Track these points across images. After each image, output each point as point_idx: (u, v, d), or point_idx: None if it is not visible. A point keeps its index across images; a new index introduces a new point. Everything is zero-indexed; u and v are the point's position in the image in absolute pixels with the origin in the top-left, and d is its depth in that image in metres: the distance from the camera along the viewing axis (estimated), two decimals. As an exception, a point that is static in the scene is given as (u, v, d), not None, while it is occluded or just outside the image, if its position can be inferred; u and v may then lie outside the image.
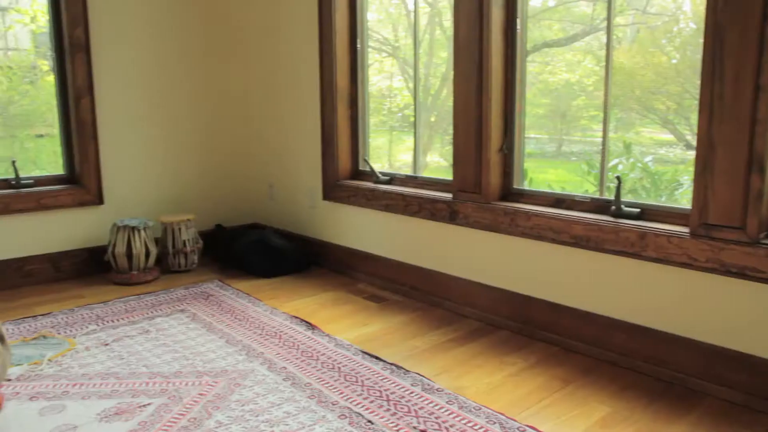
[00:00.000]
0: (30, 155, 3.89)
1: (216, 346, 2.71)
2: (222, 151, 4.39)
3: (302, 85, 3.98)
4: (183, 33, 4.12)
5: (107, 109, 3.87)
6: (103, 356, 2.63)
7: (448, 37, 3.51)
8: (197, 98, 4.24)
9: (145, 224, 3.71)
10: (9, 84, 3.84)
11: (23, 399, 2.27)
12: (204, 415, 2.13)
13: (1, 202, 3.57)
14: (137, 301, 3.33)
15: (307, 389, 2.31)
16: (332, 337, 2.80)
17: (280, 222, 4.37)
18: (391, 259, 3.50)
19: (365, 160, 3.77)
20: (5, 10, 3.83)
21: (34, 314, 3.17)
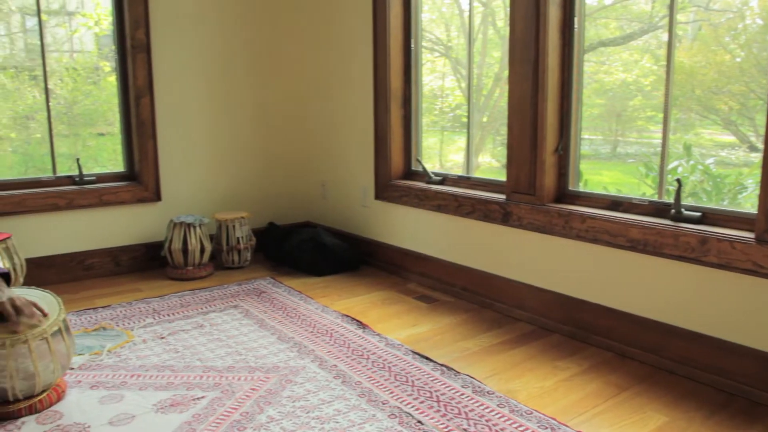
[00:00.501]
0: (92, 153, 4.02)
1: (268, 342, 2.75)
2: (276, 150, 4.45)
3: (356, 84, 4.00)
4: (240, 34, 4.20)
5: (166, 108, 3.97)
6: (159, 349, 2.70)
7: (501, 36, 3.47)
8: (253, 98, 4.31)
9: (201, 221, 3.79)
10: (74, 85, 3.98)
11: (84, 387, 2.35)
12: (256, 409, 2.16)
13: (65, 198, 3.71)
14: (192, 296, 3.41)
15: (357, 388, 2.32)
16: (383, 336, 2.81)
17: (332, 221, 4.40)
18: (443, 260, 3.49)
19: (418, 160, 3.76)
20: (72, 14, 3.98)
21: (94, 306, 3.27)
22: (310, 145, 4.52)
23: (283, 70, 4.41)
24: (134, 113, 3.89)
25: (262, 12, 4.27)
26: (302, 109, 4.50)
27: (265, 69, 4.33)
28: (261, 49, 4.29)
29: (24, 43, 3.99)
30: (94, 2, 4.00)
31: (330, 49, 4.22)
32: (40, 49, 3.72)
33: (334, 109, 4.25)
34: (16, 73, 3.85)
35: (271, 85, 4.37)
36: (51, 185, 3.76)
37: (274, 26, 4.33)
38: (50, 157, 3.82)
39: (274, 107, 4.41)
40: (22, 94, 3.86)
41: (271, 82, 4.37)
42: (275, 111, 4.42)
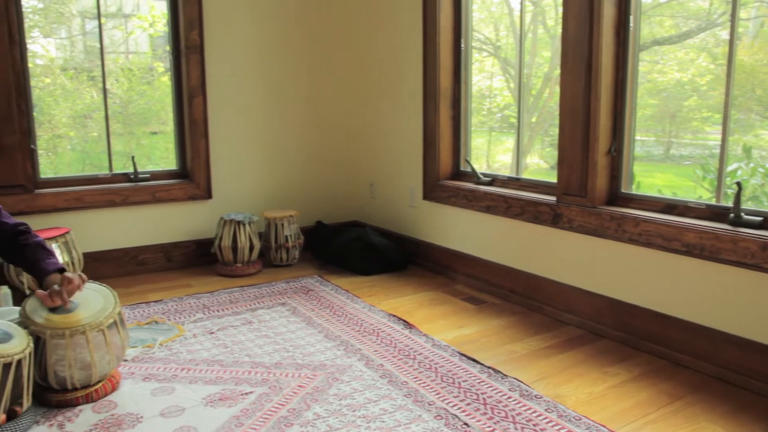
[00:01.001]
0: (145, 151, 4.13)
1: (315, 340, 2.77)
2: (326, 150, 4.49)
3: (405, 84, 4.00)
4: (291, 34, 4.25)
5: (218, 107, 4.05)
6: (208, 344, 2.75)
7: (551, 35, 3.42)
8: (303, 97, 4.35)
9: (250, 219, 3.85)
10: (129, 85, 4.09)
11: (137, 379, 2.41)
12: (303, 406, 2.18)
13: (121, 195, 3.82)
14: (241, 293, 3.47)
15: (403, 388, 2.32)
16: (429, 337, 2.80)
17: (380, 220, 4.41)
18: (491, 261, 3.46)
19: (467, 160, 3.74)
20: (128, 17, 4.09)
21: (147, 300, 3.36)
22: (359, 145, 4.54)
23: (334, 69, 4.44)
24: (187, 112, 3.97)
25: (314, 13, 4.31)
26: (352, 109, 4.53)
27: (315, 69, 4.37)
28: (312, 49, 4.33)
29: (83, 45, 4.13)
30: (149, 5, 4.11)
31: (380, 50, 4.23)
32: (100, 50, 3.84)
33: (384, 109, 4.26)
34: (76, 74, 3.98)
35: (322, 84, 4.41)
36: (107, 182, 3.88)
37: (325, 27, 4.36)
38: (107, 155, 3.94)
39: (324, 107, 4.44)
40: (81, 94, 3.99)
41: (321, 82, 4.40)
42: (325, 110, 4.45)
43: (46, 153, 3.83)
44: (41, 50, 3.86)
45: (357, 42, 4.43)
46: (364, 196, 4.58)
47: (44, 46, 3.90)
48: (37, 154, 3.69)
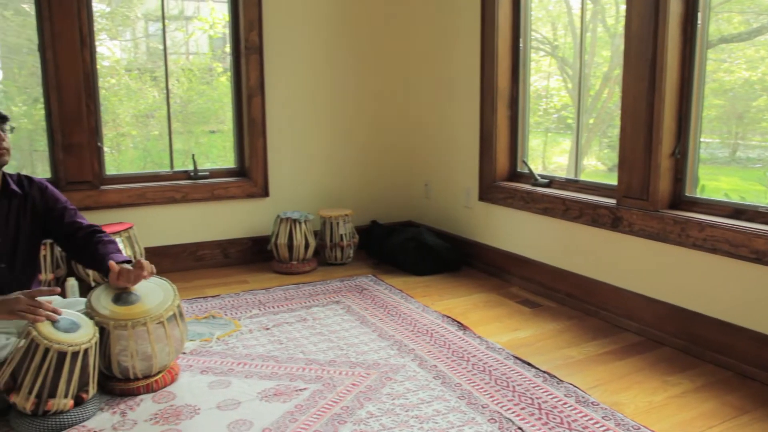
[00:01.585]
0: (203, 149, 4.22)
1: (369, 339, 2.78)
2: (381, 150, 4.50)
3: (462, 84, 3.97)
4: (348, 35, 4.28)
5: (275, 107, 4.11)
6: (264, 339, 2.79)
7: (611, 34, 3.34)
8: (359, 98, 4.38)
9: (306, 217, 3.89)
10: (189, 85, 4.20)
11: (195, 372, 2.46)
12: (356, 404, 2.19)
13: (181, 192, 3.92)
14: (296, 290, 3.51)
15: (457, 389, 2.30)
16: (483, 339, 2.77)
17: (435, 221, 4.40)
18: (547, 264, 3.40)
19: (524, 161, 3.69)
20: (189, 19, 4.20)
21: (204, 295, 3.44)
22: (414, 145, 4.54)
23: (390, 70, 4.45)
24: (246, 112, 4.05)
25: (371, 13, 4.33)
26: (408, 109, 4.52)
27: (371, 69, 4.39)
28: (369, 49, 4.35)
29: (146, 47, 4.26)
30: (210, 7, 4.21)
31: (437, 50, 4.21)
32: (163, 52, 3.95)
33: (440, 110, 4.24)
34: (139, 75, 4.11)
35: (378, 85, 4.42)
36: (168, 179, 3.98)
37: (381, 27, 4.37)
38: (167, 153, 4.05)
39: (380, 107, 4.46)
40: (143, 94, 4.12)
41: (377, 82, 4.42)
42: (381, 110, 4.47)
43: (110, 151, 3.96)
44: (107, 52, 3.99)
45: (414, 42, 4.42)
46: (418, 197, 4.57)
47: (110, 48, 4.03)
48: (103, 152, 3.82)
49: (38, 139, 3.84)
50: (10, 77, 3.91)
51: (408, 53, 4.45)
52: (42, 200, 2.43)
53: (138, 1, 4.11)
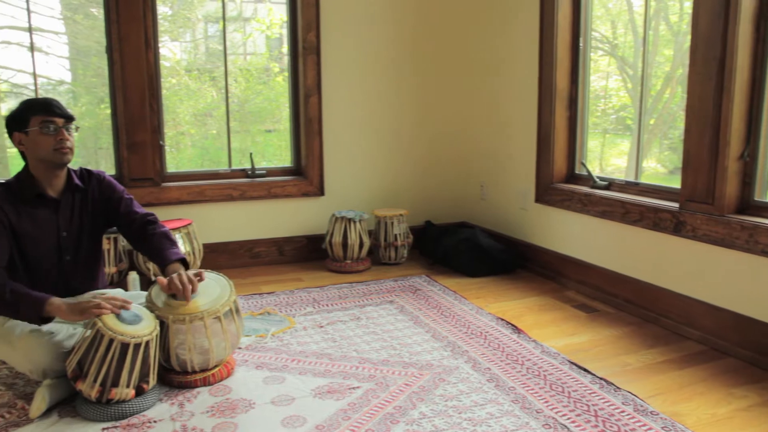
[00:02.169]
0: (259, 148, 4.30)
1: (422, 340, 2.77)
2: (436, 150, 4.48)
3: (520, 85, 3.92)
4: (405, 34, 4.27)
5: (332, 107, 4.14)
6: (318, 337, 2.82)
7: (674, 32, 3.24)
8: (416, 97, 4.37)
9: (361, 217, 3.91)
10: (246, 85, 4.28)
11: (250, 367, 2.50)
12: (409, 404, 2.19)
13: (239, 190, 3.99)
14: (349, 289, 3.53)
15: (511, 393, 2.27)
16: (538, 343, 2.73)
17: (490, 222, 4.35)
18: (605, 269, 3.32)
19: (582, 163, 3.61)
20: (247, 20, 4.28)
21: (260, 292, 3.49)
22: (470, 146, 4.50)
23: (447, 69, 4.43)
24: (303, 111, 4.09)
25: (428, 13, 4.31)
26: (464, 109, 4.49)
27: (428, 69, 4.37)
28: (425, 49, 4.34)
29: (205, 48, 4.36)
30: (267, 8, 4.28)
31: (495, 49, 4.17)
32: (223, 52, 4.03)
33: (497, 110, 4.20)
34: (198, 75, 4.21)
35: (434, 84, 4.41)
36: (227, 177, 4.06)
37: (438, 26, 4.35)
38: (224, 152, 4.14)
39: (436, 107, 4.44)
40: (202, 94, 4.22)
41: (434, 82, 4.40)
42: (437, 110, 4.45)
43: (170, 149, 4.07)
44: (169, 53, 4.10)
45: (471, 42, 4.39)
46: (474, 198, 4.53)
47: (171, 49, 4.15)
48: (164, 150, 3.93)
49: (102, 137, 3.98)
50: (77, 78, 4.07)
51: (465, 53, 4.42)
52: (100, 191, 2.51)
53: (198, 4, 4.22)
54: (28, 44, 3.71)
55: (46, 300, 2.13)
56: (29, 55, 3.71)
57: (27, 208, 2.34)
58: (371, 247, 4.03)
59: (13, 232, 2.29)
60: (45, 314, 2.13)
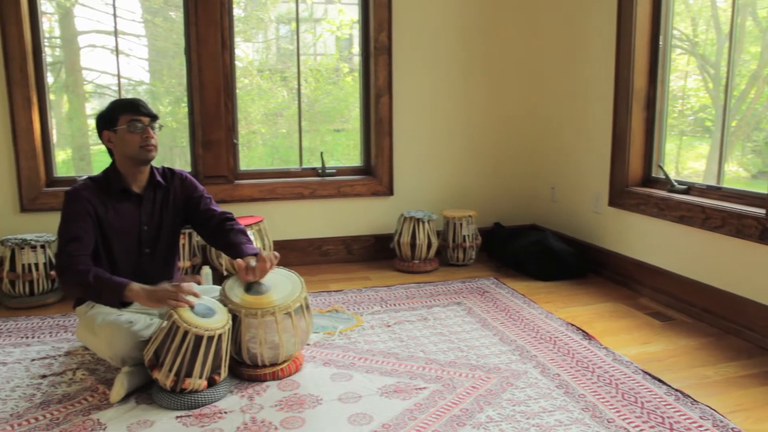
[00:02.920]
0: (328, 147, 4.34)
1: (490, 342, 2.74)
2: (507, 151, 4.42)
3: (594, 84, 3.82)
4: (476, 35, 4.24)
5: (402, 107, 4.14)
6: (385, 336, 2.83)
7: (763, 29, 3.07)
8: (487, 98, 4.32)
9: (430, 217, 3.90)
10: (316, 85, 4.33)
11: (318, 363, 2.54)
12: (476, 407, 2.16)
13: (309, 188, 4.05)
14: (417, 289, 3.52)
15: (581, 401, 2.22)
16: (610, 350, 2.65)
17: (561, 225, 4.26)
18: (682, 276, 3.19)
19: (659, 166, 3.49)
20: (317, 21, 4.34)
21: (328, 290, 3.53)
22: (541, 147, 4.42)
23: (519, 70, 4.36)
24: (373, 111, 4.12)
25: (499, 13, 4.26)
26: (536, 110, 4.42)
27: (500, 69, 4.32)
28: (498, 49, 4.29)
29: (276, 48, 4.44)
30: (338, 9, 4.32)
31: (568, 49, 4.08)
32: (296, 52, 4.10)
33: (570, 110, 4.11)
34: (270, 75, 4.29)
35: (506, 85, 4.35)
36: (297, 176, 4.13)
37: (510, 25, 4.29)
38: (293, 150, 4.21)
39: (508, 107, 4.38)
40: (273, 94, 4.30)
41: (505, 83, 4.34)
42: (508, 111, 4.39)
43: (242, 147, 4.17)
44: (241, 54, 4.20)
45: (544, 40, 4.31)
46: (544, 200, 4.45)
47: (244, 50, 4.24)
48: (238, 148, 4.03)
49: (179, 136, 4.11)
50: (157, 79, 4.22)
51: (538, 52, 4.35)
52: (182, 189, 2.62)
53: (271, 5, 4.30)
54: (112, 47, 3.88)
55: (127, 285, 2.23)
56: (112, 58, 3.88)
57: (112, 201, 2.45)
58: (439, 247, 4.01)
59: (99, 224, 2.41)
60: (125, 299, 2.23)
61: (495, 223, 4.37)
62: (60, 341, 2.81)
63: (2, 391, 2.32)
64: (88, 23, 3.99)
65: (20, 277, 3.28)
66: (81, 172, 3.97)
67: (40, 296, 3.33)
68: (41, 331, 2.93)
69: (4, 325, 3.02)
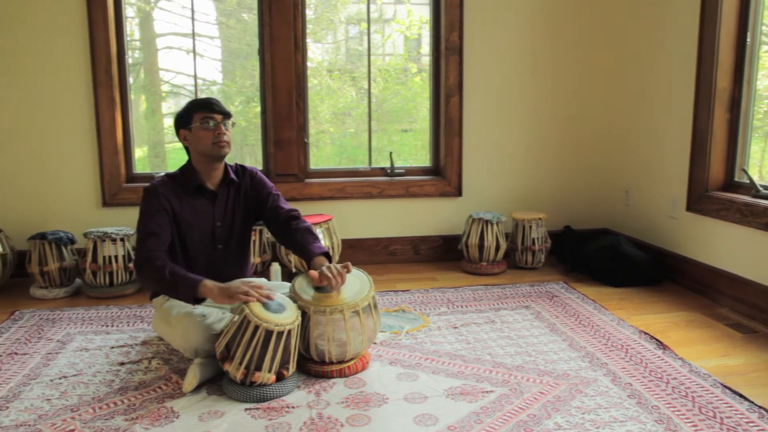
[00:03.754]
0: (395, 147, 4.35)
1: (558, 348, 2.68)
2: (579, 153, 4.32)
3: (673, 84, 3.68)
4: (549, 34, 4.15)
5: (473, 107, 4.11)
6: (451, 337, 2.81)
7: None
8: (558, 98, 4.23)
9: (498, 219, 3.85)
10: (384, 85, 4.35)
11: (384, 362, 2.54)
12: (543, 414, 2.12)
13: (378, 188, 4.07)
14: (484, 291, 3.48)
15: (654, 412, 2.14)
16: (686, 361, 2.54)
17: (634, 230, 4.13)
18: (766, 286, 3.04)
19: (743, 170, 3.33)
20: (387, 21, 4.35)
21: (395, 289, 3.53)
22: (615, 149, 4.29)
23: (592, 68, 4.24)
24: (443, 111, 4.10)
25: (574, 12, 4.16)
26: (609, 110, 4.29)
27: (572, 69, 4.22)
28: (569, 49, 4.19)
29: (345, 49, 4.48)
30: (407, 9, 4.32)
31: (644, 47, 3.94)
32: (367, 52, 4.13)
33: (646, 110, 3.97)
34: (339, 75, 4.33)
35: (578, 86, 4.24)
36: (366, 175, 4.16)
37: (583, 26, 4.18)
38: (361, 150, 4.24)
39: (580, 108, 4.27)
40: (342, 94, 4.34)
41: (577, 83, 4.24)
42: (581, 112, 4.28)
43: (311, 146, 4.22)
44: (311, 54, 4.26)
45: (620, 38, 4.18)
46: (617, 203, 4.32)
47: (313, 50, 4.30)
48: (308, 147, 4.08)
49: (249, 135, 4.21)
50: (230, 79, 4.33)
51: (613, 50, 4.22)
52: (252, 186, 2.68)
53: (342, 6, 4.34)
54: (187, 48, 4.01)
55: (201, 282, 2.29)
56: (187, 58, 4.01)
57: (188, 198, 2.53)
58: (507, 250, 3.96)
59: (175, 220, 2.49)
60: (199, 295, 2.29)
61: (565, 227, 4.27)
62: (137, 331, 2.92)
63: (85, 375, 2.44)
64: (165, 26, 4.14)
65: (101, 268, 3.43)
66: (156, 169, 4.12)
67: (119, 287, 3.48)
68: (119, 321, 3.06)
69: (86, 313, 3.17)
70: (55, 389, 2.33)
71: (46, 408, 2.18)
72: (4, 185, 3.75)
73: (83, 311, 3.21)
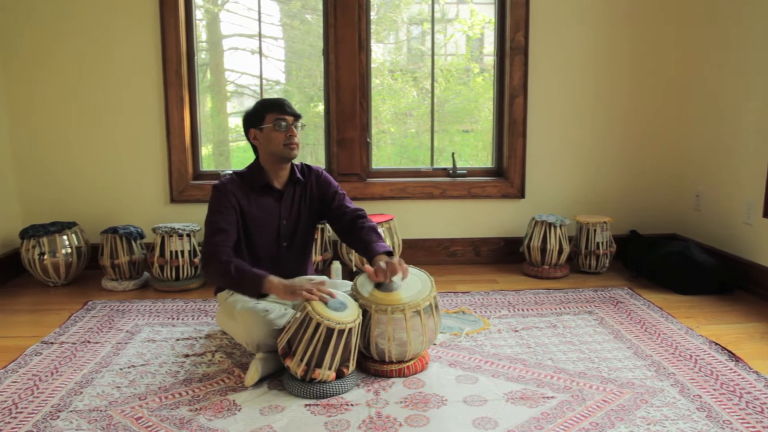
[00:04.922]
0: (456, 148, 4.32)
1: (623, 356, 2.61)
2: (647, 156, 4.19)
3: (750, 80, 3.52)
4: (616, 33, 4.04)
5: (537, 108, 4.04)
6: (512, 341, 2.77)
7: None
8: (625, 99, 4.12)
9: (562, 222, 3.77)
10: (446, 85, 4.33)
11: (444, 363, 2.53)
12: (606, 422, 2.07)
13: (440, 188, 4.05)
14: (546, 295, 3.43)
15: (726, 427, 2.05)
16: (761, 375, 2.43)
17: (705, 236, 3.98)
18: None
19: (825, 175, 3.16)
20: (449, 21, 4.33)
21: (455, 290, 3.51)
22: (685, 151, 4.15)
23: (661, 69, 4.10)
24: (507, 112, 4.05)
25: (644, 14, 4.02)
26: (679, 110, 4.15)
27: (640, 70, 4.08)
28: (638, 50, 4.06)
29: (407, 49, 4.48)
30: (470, 9, 4.29)
31: (719, 40, 3.79)
32: (431, 53, 4.12)
33: (719, 110, 3.81)
34: (401, 75, 4.34)
35: (647, 86, 4.11)
36: (428, 175, 4.15)
37: (654, 22, 4.04)
38: (422, 150, 4.24)
39: (648, 109, 4.14)
40: (404, 94, 4.34)
41: (646, 83, 4.11)
42: (648, 113, 4.15)
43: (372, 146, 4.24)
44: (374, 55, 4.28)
45: (689, 40, 4.03)
46: (687, 208, 4.17)
47: (375, 50, 4.32)
48: (371, 147, 4.11)
49: (310, 134, 4.26)
50: (291, 79, 4.40)
51: (682, 44, 4.07)
52: (317, 185, 2.72)
53: (404, 6, 4.35)
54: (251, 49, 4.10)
55: (265, 277, 2.34)
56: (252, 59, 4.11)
57: (255, 195, 2.59)
58: (570, 253, 3.88)
59: (242, 216, 2.56)
60: (263, 290, 2.34)
61: (631, 231, 4.15)
62: (201, 324, 3.00)
63: (152, 366, 2.52)
64: (231, 27, 4.24)
65: (168, 263, 3.54)
66: (221, 167, 4.23)
67: (185, 281, 3.58)
68: (185, 314, 3.15)
69: (153, 306, 3.28)
70: (124, 377, 2.42)
71: (116, 395, 2.27)
72: (81, 181, 3.92)
73: (150, 303, 3.32)
